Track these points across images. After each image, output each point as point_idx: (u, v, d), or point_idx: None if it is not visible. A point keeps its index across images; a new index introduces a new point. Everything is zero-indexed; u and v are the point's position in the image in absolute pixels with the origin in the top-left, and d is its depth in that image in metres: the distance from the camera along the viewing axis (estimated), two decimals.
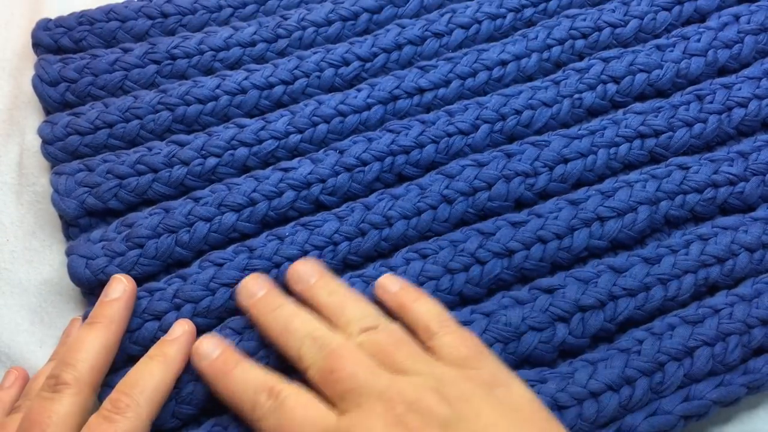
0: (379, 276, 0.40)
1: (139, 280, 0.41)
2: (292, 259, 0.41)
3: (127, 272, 0.41)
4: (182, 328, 0.38)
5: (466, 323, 0.39)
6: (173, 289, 0.40)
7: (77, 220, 0.43)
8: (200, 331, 0.40)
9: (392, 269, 0.41)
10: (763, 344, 0.40)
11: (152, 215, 0.42)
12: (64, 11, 0.51)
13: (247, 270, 0.40)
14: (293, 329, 0.36)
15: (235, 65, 0.48)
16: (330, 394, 0.34)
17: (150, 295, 0.40)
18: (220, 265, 0.41)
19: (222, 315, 0.40)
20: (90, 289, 0.42)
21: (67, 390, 0.35)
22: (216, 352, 0.37)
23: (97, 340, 0.37)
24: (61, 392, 0.35)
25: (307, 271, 0.39)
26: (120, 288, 0.39)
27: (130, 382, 0.36)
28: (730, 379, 0.39)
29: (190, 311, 0.40)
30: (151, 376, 0.36)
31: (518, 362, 0.39)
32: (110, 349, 0.37)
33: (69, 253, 0.42)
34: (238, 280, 0.40)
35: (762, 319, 0.40)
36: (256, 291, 0.39)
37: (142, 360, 0.37)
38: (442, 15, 0.50)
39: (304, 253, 0.41)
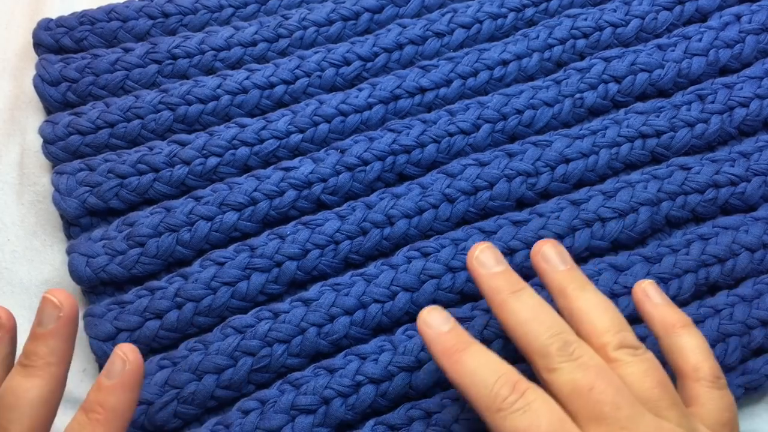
0: (380, 274, 0.40)
1: (140, 279, 0.41)
2: (293, 258, 0.41)
3: (128, 271, 0.41)
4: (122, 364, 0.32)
5: (466, 320, 0.39)
6: (174, 287, 0.40)
7: (78, 220, 0.43)
8: (202, 330, 0.40)
9: (393, 268, 0.41)
10: (762, 345, 0.40)
11: (153, 214, 0.42)
12: (65, 11, 0.51)
13: (248, 269, 0.40)
14: (542, 321, 0.32)
15: (236, 65, 0.48)
16: (576, 409, 0.30)
17: (151, 294, 0.40)
18: (222, 264, 0.41)
19: (223, 314, 0.40)
20: (90, 287, 0.42)
21: None
22: (446, 326, 0.32)
23: None
24: None
25: (558, 255, 0.35)
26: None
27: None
28: (728, 379, 0.39)
29: (192, 310, 0.40)
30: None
31: (519, 359, 0.39)
32: None
33: (70, 251, 0.42)
34: (239, 279, 0.40)
35: (762, 320, 0.40)
36: (492, 264, 0.34)
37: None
38: (443, 14, 0.50)
39: (306, 252, 0.41)
